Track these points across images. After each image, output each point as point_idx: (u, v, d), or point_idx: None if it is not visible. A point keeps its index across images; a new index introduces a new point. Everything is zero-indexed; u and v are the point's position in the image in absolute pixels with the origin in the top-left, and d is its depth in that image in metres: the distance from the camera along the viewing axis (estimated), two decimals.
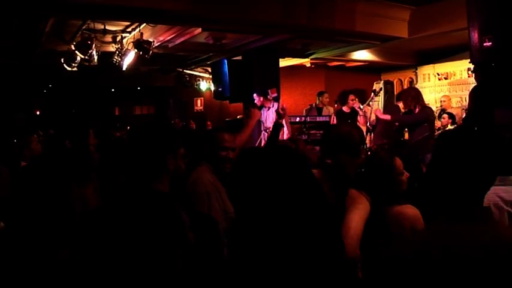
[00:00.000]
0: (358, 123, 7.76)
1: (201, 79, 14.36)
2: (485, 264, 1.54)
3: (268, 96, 8.45)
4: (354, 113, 8.53)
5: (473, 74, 6.72)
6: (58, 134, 6.71)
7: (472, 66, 9.64)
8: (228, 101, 11.48)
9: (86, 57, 8.39)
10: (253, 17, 7.27)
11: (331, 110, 9.56)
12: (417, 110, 7.13)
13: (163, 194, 2.38)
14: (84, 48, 8.16)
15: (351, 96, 8.65)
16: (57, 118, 15.57)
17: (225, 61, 10.05)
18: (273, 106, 8.45)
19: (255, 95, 8.62)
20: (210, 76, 12.23)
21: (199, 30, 8.23)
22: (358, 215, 2.78)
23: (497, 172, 2.11)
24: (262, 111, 8.65)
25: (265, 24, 7.80)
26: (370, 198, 2.89)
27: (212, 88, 11.87)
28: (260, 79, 9.48)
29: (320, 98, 10.06)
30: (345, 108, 8.79)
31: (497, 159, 1.80)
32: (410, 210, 2.86)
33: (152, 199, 2.34)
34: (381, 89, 10.17)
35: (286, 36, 8.94)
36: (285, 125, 7.12)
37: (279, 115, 5.05)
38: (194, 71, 13.90)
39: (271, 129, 7.13)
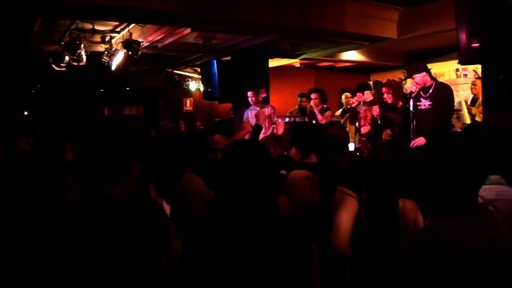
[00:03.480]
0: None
1: (190, 79, 14.34)
2: (488, 254, 1.63)
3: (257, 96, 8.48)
4: (311, 112, 8.49)
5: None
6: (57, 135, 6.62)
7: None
8: (217, 102, 11.46)
9: (75, 57, 8.35)
10: (242, 17, 7.26)
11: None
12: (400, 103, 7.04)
13: (150, 200, 2.38)
14: (73, 48, 8.13)
15: (313, 95, 8.39)
16: (46, 118, 15.48)
17: (215, 61, 10.02)
18: (264, 107, 8.45)
19: (250, 93, 8.59)
20: (200, 76, 12.20)
21: (189, 30, 8.21)
22: (347, 213, 2.85)
23: (489, 171, 2.17)
24: (249, 111, 8.66)
25: (254, 25, 7.79)
26: (360, 195, 2.95)
27: (201, 88, 11.84)
28: (249, 79, 9.47)
29: (300, 99, 10.14)
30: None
31: (488, 159, 1.88)
32: (411, 204, 2.95)
33: (139, 206, 2.34)
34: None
35: (276, 36, 8.94)
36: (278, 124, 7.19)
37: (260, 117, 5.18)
38: (183, 71, 13.88)
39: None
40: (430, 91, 6.31)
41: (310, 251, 2.17)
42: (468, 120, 8.56)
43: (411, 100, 6.33)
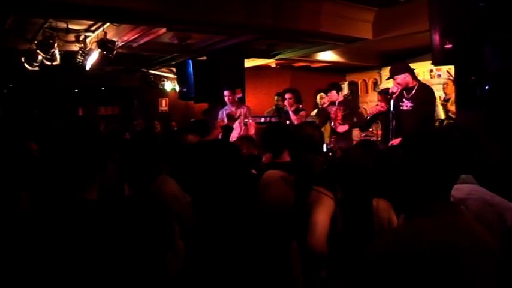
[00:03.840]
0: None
1: (166, 79, 14.26)
2: (463, 253, 1.67)
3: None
4: (285, 112, 8.54)
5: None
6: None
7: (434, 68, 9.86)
8: (193, 102, 11.42)
9: (48, 56, 8.24)
10: (218, 17, 7.25)
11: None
12: None
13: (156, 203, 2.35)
14: (46, 47, 8.01)
15: (287, 95, 8.43)
16: (19, 119, 15.24)
17: (190, 61, 10.00)
18: (239, 107, 8.46)
19: (226, 92, 8.58)
20: (175, 76, 12.15)
21: (164, 30, 8.17)
22: (323, 212, 2.85)
23: (461, 170, 2.21)
24: (223, 111, 8.66)
25: (230, 25, 7.78)
26: (335, 195, 2.97)
27: (177, 88, 11.79)
28: (225, 79, 9.45)
29: (277, 98, 10.19)
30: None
31: (459, 158, 1.91)
32: (385, 203, 2.98)
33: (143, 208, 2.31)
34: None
35: (251, 36, 8.94)
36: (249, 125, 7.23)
37: (230, 118, 5.20)
38: (159, 71, 13.80)
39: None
40: (413, 92, 6.36)
41: (289, 248, 2.17)
42: (443, 116, 8.69)
43: (392, 101, 6.39)
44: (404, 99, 6.40)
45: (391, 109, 6.37)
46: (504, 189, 2.73)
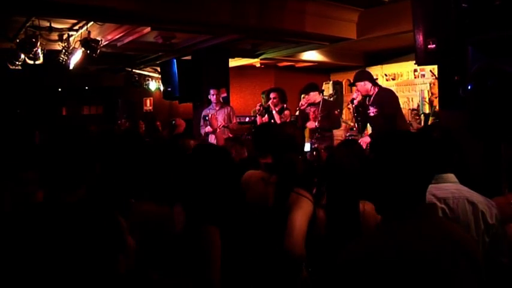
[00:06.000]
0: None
1: (150, 79, 14.20)
2: (435, 257, 1.66)
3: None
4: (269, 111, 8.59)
5: None
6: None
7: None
8: (177, 101, 11.39)
9: (31, 55, 8.16)
10: (202, 17, 7.23)
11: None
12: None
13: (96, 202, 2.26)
14: (29, 46, 7.93)
15: (272, 94, 8.59)
16: (1, 118, 15.09)
17: (175, 61, 9.98)
18: (223, 108, 8.47)
19: (212, 90, 8.58)
20: (160, 76, 12.10)
21: (149, 29, 8.13)
22: (301, 215, 2.84)
23: (434, 170, 2.20)
24: (207, 110, 8.65)
25: (214, 25, 7.76)
26: (315, 197, 2.96)
27: (161, 88, 11.76)
28: (210, 79, 9.45)
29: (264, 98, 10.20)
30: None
31: (433, 158, 1.89)
32: (372, 207, 2.97)
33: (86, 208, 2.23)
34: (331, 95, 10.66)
35: (236, 36, 8.93)
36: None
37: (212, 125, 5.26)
38: (143, 70, 13.73)
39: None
40: (373, 97, 6.89)
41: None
42: (427, 110, 8.91)
43: (354, 106, 7.04)
44: (369, 106, 6.84)
45: (354, 114, 6.78)
46: (487, 187, 2.76)
